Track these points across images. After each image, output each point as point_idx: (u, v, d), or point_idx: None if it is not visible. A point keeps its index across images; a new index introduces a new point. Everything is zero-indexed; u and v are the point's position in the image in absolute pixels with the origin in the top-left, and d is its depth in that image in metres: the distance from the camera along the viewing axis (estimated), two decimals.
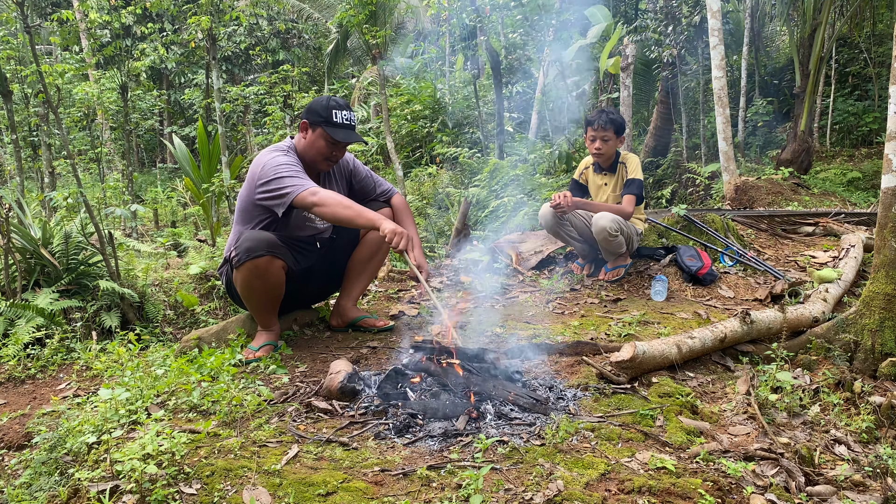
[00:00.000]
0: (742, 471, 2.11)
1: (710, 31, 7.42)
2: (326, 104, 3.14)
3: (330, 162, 3.26)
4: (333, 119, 3.12)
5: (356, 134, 3.23)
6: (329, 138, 3.13)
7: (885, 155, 3.09)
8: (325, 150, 3.18)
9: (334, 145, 3.17)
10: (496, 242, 5.40)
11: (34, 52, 4.70)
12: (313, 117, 3.16)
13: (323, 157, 3.21)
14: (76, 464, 2.13)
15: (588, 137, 4.54)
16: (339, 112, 3.14)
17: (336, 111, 3.14)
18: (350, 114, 3.20)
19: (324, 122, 3.13)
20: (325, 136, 3.14)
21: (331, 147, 3.18)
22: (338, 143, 3.16)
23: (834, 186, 8.33)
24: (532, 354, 3.04)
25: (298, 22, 18.41)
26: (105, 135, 12.69)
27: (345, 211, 2.97)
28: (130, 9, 8.66)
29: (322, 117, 3.13)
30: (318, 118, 3.14)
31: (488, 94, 13.19)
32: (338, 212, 2.97)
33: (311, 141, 3.19)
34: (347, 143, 3.21)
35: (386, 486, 1.96)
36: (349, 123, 3.18)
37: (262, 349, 3.14)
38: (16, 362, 3.36)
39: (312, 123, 3.17)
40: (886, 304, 3.03)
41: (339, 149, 3.22)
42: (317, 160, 3.22)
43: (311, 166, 3.26)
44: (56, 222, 5.23)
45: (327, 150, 3.18)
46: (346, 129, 3.17)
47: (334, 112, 3.13)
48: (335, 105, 3.15)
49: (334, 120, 3.12)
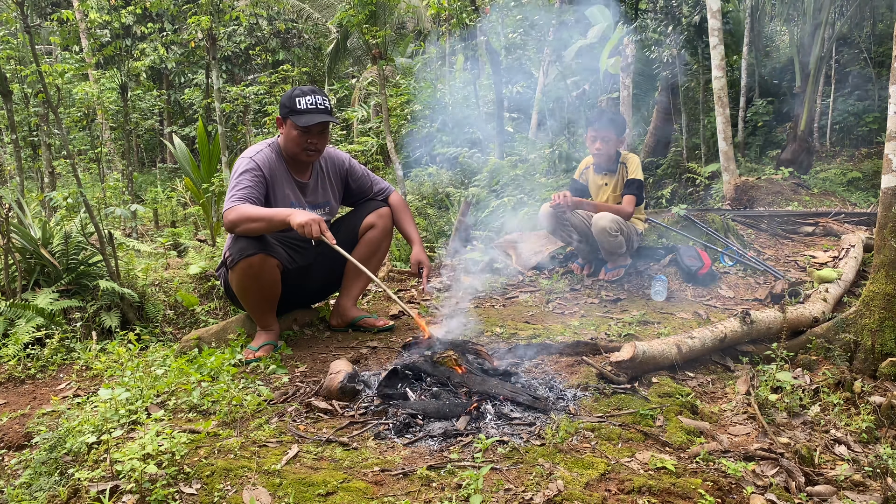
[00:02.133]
0: (742, 471, 2.11)
1: (710, 31, 7.41)
2: (290, 94, 3.13)
3: (310, 152, 3.19)
4: (297, 107, 3.09)
5: (324, 114, 3.12)
6: (297, 126, 3.10)
7: (885, 155, 3.09)
8: (299, 139, 3.14)
9: (306, 132, 3.12)
10: (496, 242, 5.40)
11: (34, 52, 4.70)
12: (282, 111, 3.16)
13: (300, 148, 3.17)
14: (76, 464, 2.13)
15: (588, 137, 4.54)
16: (303, 98, 3.09)
17: (299, 98, 3.10)
18: (316, 97, 3.12)
19: (289, 112, 3.12)
20: (293, 125, 3.12)
21: (303, 135, 3.13)
22: (308, 129, 3.10)
23: (834, 186, 8.32)
24: (532, 354, 3.04)
25: (298, 22, 18.41)
26: (105, 135, 12.69)
27: (256, 224, 2.94)
28: (130, 9, 8.66)
29: (287, 108, 3.12)
30: (284, 110, 3.14)
31: (488, 94, 13.18)
32: (251, 227, 2.95)
33: (286, 134, 3.18)
34: (318, 127, 3.12)
35: (386, 486, 1.96)
36: (314, 107, 3.10)
37: (261, 349, 3.14)
38: (16, 362, 3.35)
39: (283, 116, 3.16)
40: (886, 304, 3.03)
41: (314, 135, 3.15)
42: (296, 152, 3.19)
43: (296, 159, 3.23)
44: (56, 222, 5.23)
45: (301, 139, 3.14)
46: (310, 114, 3.10)
47: (297, 99, 3.10)
48: (298, 93, 3.11)
49: (298, 107, 3.09)
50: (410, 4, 14.51)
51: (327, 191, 3.44)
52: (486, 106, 12.78)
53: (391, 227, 3.58)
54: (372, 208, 3.53)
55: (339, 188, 3.51)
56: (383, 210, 3.53)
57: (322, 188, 3.41)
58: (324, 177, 3.42)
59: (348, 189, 3.56)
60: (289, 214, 2.90)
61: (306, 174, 3.35)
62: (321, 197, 3.41)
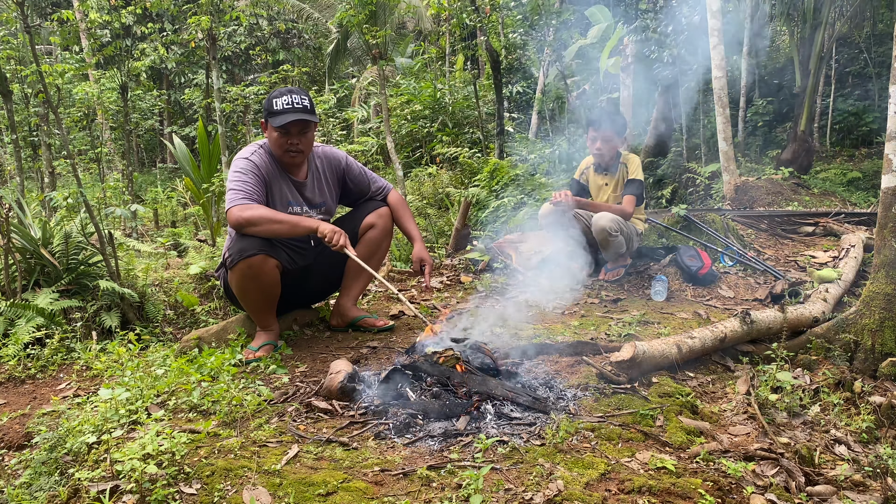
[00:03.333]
0: (742, 471, 2.11)
1: (710, 31, 7.41)
2: (269, 97, 3.12)
3: (293, 154, 3.16)
4: (274, 108, 3.07)
5: (298, 113, 3.05)
6: (274, 128, 3.09)
7: (886, 155, 3.09)
8: (279, 140, 3.11)
9: (285, 133, 3.10)
10: (496, 242, 5.40)
11: (34, 52, 4.70)
12: (264, 114, 3.16)
13: (283, 150, 3.14)
14: (76, 464, 2.13)
15: (589, 137, 4.54)
16: (279, 99, 3.07)
17: (276, 99, 3.08)
18: (293, 97, 3.07)
19: (268, 115, 3.11)
20: (271, 126, 3.11)
21: (283, 136, 3.10)
22: (286, 129, 3.08)
23: (834, 186, 8.32)
24: (532, 354, 3.04)
25: (298, 22, 18.42)
26: (105, 135, 12.69)
27: (279, 227, 2.97)
28: (130, 9, 8.66)
29: (266, 110, 3.12)
30: (265, 113, 3.13)
31: (488, 94, 13.18)
32: (273, 228, 2.97)
33: (269, 137, 3.17)
34: (297, 127, 3.08)
35: (386, 486, 1.96)
36: (290, 107, 3.05)
37: (261, 349, 3.14)
38: (16, 362, 3.35)
39: (266, 120, 3.15)
40: (886, 304, 3.03)
41: (293, 136, 3.11)
42: (281, 154, 3.17)
43: (283, 161, 3.22)
44: (56, 222, 5.22)
45: (282, 140, 3.11)
46: (286, 114, 3.06)
47: (274, 101, 3.08)
48: (276, 94, 3.09)
49: (275, 108, 3.07)
50: (410, 4, 14.52)
51: (324, 191, 3.42)
52: (487, 106, 12.78)
53: (391, 226, 3.57)
54: (372, 208, 3.52)
55: (336, 188, 3.49)
56: (383, 210, 3.52)
57: (319, 188, 3.39)
58: (320, 177, 3.40)
59: (346, 189, 3.54)
60: (316, 222, 3.00)
61: (302, 173, 3.32)
62: (318, 197, 3.39)
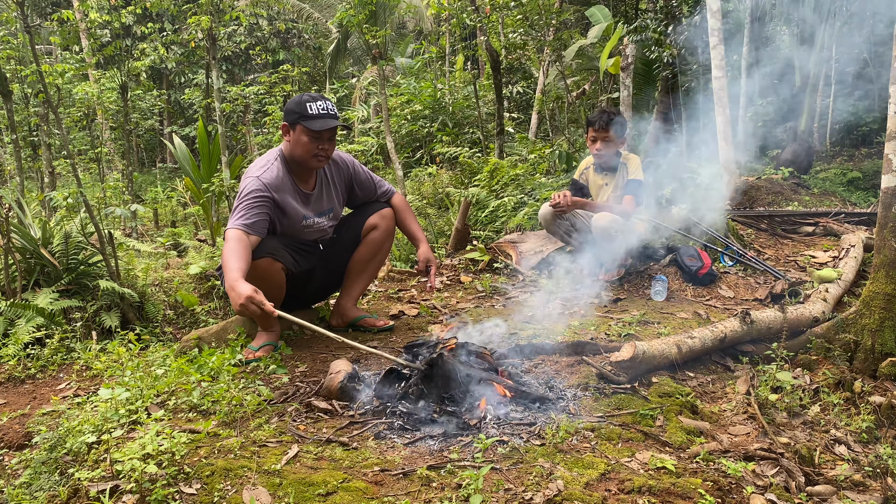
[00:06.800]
0: (742, 471, 2.11)
1: (710, 31, 7.40)
2: (300, 100, 3.11)
3: (320, 158, 3.17)
4: (309, 112, 3.07)
5: (335, 119, 3.13)
6: (309, 132, 3.08)
7: (886, 155, 3.09)
8: (310, 145, 3.12)
9: (317, 138, 3.10)
10: (496, 242, 5.40)
11: (34, 52, 4.70)
12: (290, 117, 3.13)
13: (311, 154, 3.14)
14: (76, 464, 2.13)
15: (589, 138, 4.53)
16: (314, 104, 3.08)
17: (310, 104, 3.08)
18: (325, 103, 3.12)
19: (300, 118, 3.09)
20: (305, 130, 3.09)
21: (314, 141, 3.11)
22: (320, 134, 3.09)
23: (834, 186, 8.32)
24: (532, 354, 3.04)
25: (298, 22, 18.42)
26: (105, 135, 12.69)
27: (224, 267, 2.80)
28: (130, 9, 8.65)
29: (297, 113, 3.10)
30: (294, 116, 3.11)
31: (488, 94, 13.18)
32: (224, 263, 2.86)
33: (294, 141, 3.15)
34: (329, 132, 3.12)
35: (386, 486, 1.96)
36: (325, 112, 3.10)
37: (262, 349, 3.14)
38: (16, 362, 3.35)
39: (291, 123, 3.13)
40: (886, 304, 3.03)
41: (325, 141, 3.13)
42: (306, 158, 3.16)
43: (303, 166, 3.21)
44: (56, 222, 5.22)
45: (312, 144, 3.12)
46: (322, 119, 3.09)
47: (308, 105, 3.08)
48: (308, 98, 3.10)
49: (310, 112, 3.07)
50: (410, 4, 14.52)
51: (332, 197, 3.43)
52: (487, 106, 12.78)
53: (393, 227, 3.59)
54: (375, 209, 3.54)
55: (343, 193, 3.51)
56: (386, 211, 3.54)
57: (327, 195, 3.40)
58: (328, 183, 3.41)
59: (353, 194, 3.56)
60: (230, 284, 2.68)
61: (310, 183, 3.32)
62: (325, 204, 3.40)
